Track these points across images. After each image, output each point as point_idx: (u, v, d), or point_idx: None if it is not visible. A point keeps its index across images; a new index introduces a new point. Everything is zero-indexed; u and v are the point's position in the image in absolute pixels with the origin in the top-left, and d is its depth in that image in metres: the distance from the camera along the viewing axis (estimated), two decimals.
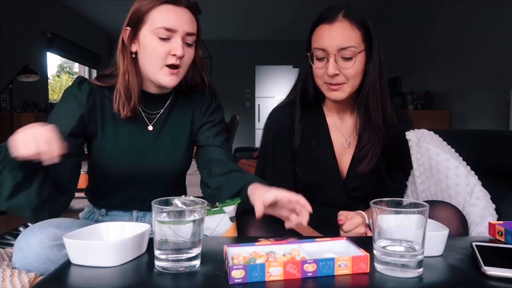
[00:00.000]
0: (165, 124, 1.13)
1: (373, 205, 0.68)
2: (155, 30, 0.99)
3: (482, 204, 1.11)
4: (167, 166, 1.12)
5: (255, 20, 6.71)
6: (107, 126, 1.08)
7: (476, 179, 1.15)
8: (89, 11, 6.12)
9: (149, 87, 1.10)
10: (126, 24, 1.03)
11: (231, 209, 0.98)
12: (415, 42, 4.84)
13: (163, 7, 0.99)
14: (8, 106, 4.08)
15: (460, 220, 1.01)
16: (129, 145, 1.09)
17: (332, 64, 1.05)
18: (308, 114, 1.20)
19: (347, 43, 1.04)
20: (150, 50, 1.00)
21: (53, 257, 0.86)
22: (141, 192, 1.13)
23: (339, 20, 1.06)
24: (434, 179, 1.18)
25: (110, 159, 1.08)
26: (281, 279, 0.64)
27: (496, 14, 3.40)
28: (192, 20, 1.03)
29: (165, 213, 0.69)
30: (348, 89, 1.09)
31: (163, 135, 1.12)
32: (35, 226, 0.90)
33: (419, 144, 1.20)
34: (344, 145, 1.20)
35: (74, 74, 10.56)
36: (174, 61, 1.00)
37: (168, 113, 1.14)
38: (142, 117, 1.11)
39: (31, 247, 0.85)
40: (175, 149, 1.13)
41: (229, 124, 6.19)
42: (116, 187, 1.12)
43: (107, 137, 1.08)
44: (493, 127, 3.42)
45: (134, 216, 1.16)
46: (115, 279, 0.66)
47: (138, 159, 1.09)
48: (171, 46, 0.99)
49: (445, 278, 0.68)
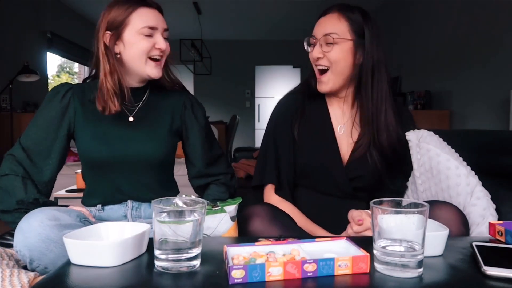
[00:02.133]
0: (145, 115, 1.22)
1: (373, 205, 0.68)
2: (140, 30, 1.12)
3: (482, 204, 1.11)
4: (147, 152, 1.18)
5: (255, 20, 6.71)
6: (88, 118, 1.17)
7: (476, 179, 1.14)
8: (89, 11, 6.12)
9: (130, 82, 1.20)
10: (105, 29, 1.14)
11: (231, 208, 0.98)
12: (415, 42, 4.84)
13: (141, 10, 1.13)
14: (8, 106, 4.07)
15: (462, 221, 1.01)
16: (109, 133, 1.17)
17: (317, 48, 1.17)
18: (311, 102, 1.27)
19: (331, 29, 1.15)
20: (137, 46, 1.13)
21: (53, 236, 0.88)
22: (128, 181, 1.18)
23: (330, 12, 1.18)
24: (434, 179, 1.18)
25: (91, 146, 1.16)
26: (281, 279, 0.64)
27: (496, 14, 3.40)
28: (163, 18, 1.19)
29: (165, 213, 0.69)
30: (332, 78, 1.17)
31: (142, 124, 1.21)
32: (35, 210, 0.93)
33: (419, 144, 1.20)
34: (345, 133, 1.24)
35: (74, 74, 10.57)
36: (158, 53, 1.15)
37: (147, 104, 1.23)
38: (122, 109, 1.17)
39: (31, 227, 0.88)
40: (155, 137, 1.20)
41: (229, 124, 6.19)
42: (103, 176, 1.18)
43: (88, 128, 1.17)
44: (493, 127, 3.42)
45: (129, 206, 1.19)
46: (115, 279, 0.66)
47: (118, 145, 1.16)
48: (154, 41, 1.14)
49: (445, 278, 0.68)
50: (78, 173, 2.45)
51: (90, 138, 1.16)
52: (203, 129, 1.28)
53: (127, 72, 1.18)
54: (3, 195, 1.07)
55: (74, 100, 1.18)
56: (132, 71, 1.17)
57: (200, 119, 1.29)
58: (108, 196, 1.19)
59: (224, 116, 7.41)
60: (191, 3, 5.57)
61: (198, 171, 1.29)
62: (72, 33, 5.81)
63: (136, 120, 1.20)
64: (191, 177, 1.32)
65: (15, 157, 1.11)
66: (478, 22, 3.63)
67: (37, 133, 1.14)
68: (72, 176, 2.68)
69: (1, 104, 4.23)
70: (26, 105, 4.64)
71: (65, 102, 1.17)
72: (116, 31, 1.13)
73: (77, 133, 1.17)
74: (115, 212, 1.19)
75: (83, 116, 1.17)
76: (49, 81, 5.51)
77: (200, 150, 1.27)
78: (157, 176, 1.21)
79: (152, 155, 1.18)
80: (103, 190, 1.19)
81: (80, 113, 1.17)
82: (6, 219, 1.06)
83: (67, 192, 2.42)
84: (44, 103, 1.18)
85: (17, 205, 1.05)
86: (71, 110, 1.17)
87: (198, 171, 1.29)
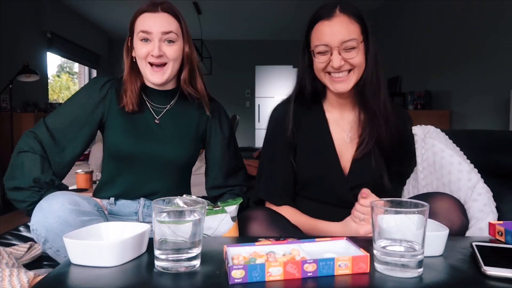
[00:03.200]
0: (172, 118, 1.24)
1: (373, 205, 0.68)
2: (137, 35, 1.15)
3: (483, 200, 1.12)
4: (172, 153, 1.20)
5: (255, 20, 6.70)
6: (120, 111, 1.20)
7: (478, 176, 1.16)
8: (89, 11, 6.12)
9: (151, 85, 1.23)
10: (129, 34, 1.20)
11: (232, 208, 0.98)
12: (415, 42, 4.84)
13: (142, 16, 1.15)
14: (8, 106, 4.07)
15: (461, 210, 1.02)
16: (138, 130, 1.20)
17: (336, 57, 1.07)
18: (307, 111, 1.21)
19: (349, 35, 1.06)
20: (136, 51, 1.17)
21: (71, 220, 0.90)
22: (147, 178, 1.20)
23: (337, 15, 1.08)
24: (436, 174, 1.18)
25: (120, 138, 1.18)
26: (281, 279, 0.64)
27: (496, 14, 3.40)
28: (168, 20, 1.16)
29: (165, 213, 0.69)
30: (354, 78, 1.10)
31: (168, 127, 1.23)
32: (57, 193, 0.96)
33: (425, 139, 1.20)
34: (345, 139, 1.20)
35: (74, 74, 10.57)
36: (154, 60, 1.14)
37: (174, 108, 1.25)
38: (149, 110, 1.23)
39: (52, 208, 0.91)
40: (180, 140, 1.22)
41: None
42: (124, 169, 1.19)
43: (118, 122, 1.20)
44: (493, 127, 3.42)
45: (141, 203, 1.20)
46: (115, 279, 0.66)
47: (145, 142, 1.19)
48: (150, 47, 1.14)
49: (445, 278, 0.68)
50: (78, 173, 2.45)
51: (120, 131, 1.18)
52: (226, 139, 1.29)
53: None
54: (19, 172, 1.06)
55: (112, 92, 1.21)
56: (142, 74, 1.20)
57: (225, 130, 1.30)
58: (123, 190, 1.20)
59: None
60: (191, 3, 5.57)
61: (214, 181, 1.29)
62: (72, 33, 5.81)
63: (161, 122, 1.22)
64: (208, 187, 1.32)
65: (37, 135, 1.12)
66: (478, 22, 3.63)
67: (69, 114, 1.17)
68: (72, 176, 2.68)
69: (1, 104, 4.23)
70: (26, 105, 4.64)
71: (104, 92, 1.20)
72: (131, 35, 1.19)
73: (108, 123, 1.20)
74: (126, 208, 1.20)
75: (117, 109, 1.20)
76: (49, 81, 5.50)
77: (219, 159, 1.28)
78: (175, 179, 1.23)
79: (176, 156, 1.20)
80: (121, 183, 1.20)
81: (114, 106, 1.20)
82: (16, 197, 1.05)
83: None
84: (82, 89, 1.22)
85: (33, 183, 1.05)
86: (107, 100, 1.20)
87: (214, 181, 1.29)
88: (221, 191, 1.30)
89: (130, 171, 1.19)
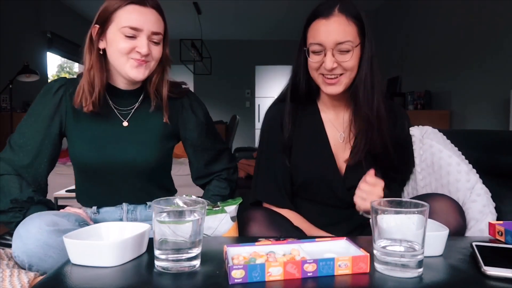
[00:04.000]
0: (139, 120, 1.16)
1: (373, 205, 0.68)
2: (121, 29, 1.03)
3: (482, 201, 1.11)
4: (138, 159, 1.13)
5: (255, 20, 6.70)
6: (80, 118, 1.11)
7: (477, 177, 1.15)
8: (89, 11, 6.11)
9: (118, 83, 1.13)
10: (95, 22, 1.07)
11: (232, 208, 0.98)
12: (415, 42, 4.84)
13: (129, 7, 1.03)
14: (8, 106, 4.08)
15: (459, 211, 1.01)
16: (101, 137, 1.11)
17: (330, 58, 1.04)
18: (302, 110, 1.19)
19: (344, 37, 1.04)
20: (116, 46, 1.04)
21: (52, 242, 0.87)
22: (121, 186, 1.14)
23: (335, 14, 1.05)
24: (435, 175, 1.18)
25: (82, 149, 1.10)
26: (281, 279, 0.64)
27: (496, 14, 3.40)
28: (158, 20, 1.07)
29: (165, 213, 0.69)
30: (345, 81, 1.08)
31: (136, 130, 1.14)
32: (33, 215, 0.92)
33: (423, 140, 1.20)
34: (339, 139, 1.18)
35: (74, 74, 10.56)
36: (139, 57, 1.04)
37: (141, 108, 1.16)
38: (114, 113, 1.13)
39: (29, 233, 0.87)
40: (147, 144, 1.15)
41: (229, 124, 6.19)
42: (94, 181, 1.14)
43: (80, 130, 1.11)
44: (493, 127, 3.42)
45: (124, 209, 1.16)
46: (115, 279, 0.66)
47: (109, 151, 1.11)
48: (137, 44, 1.04)
49: (445, 278, 0.68)
50: None
51: (81, 141, 1.11)
52: (203, 127, 1.23)
53: (114, 72, 1.11)
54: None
55: (66, 98, 1.11)
56: (116, 70, 1.09)
57: (200, 117, 1.23)
58: (101, 199, 1.16)
59: (224, 116, 7.41)
60: (191, 3, 5.56)
61: (198, 171, 1.26)
62: (72, 33, 5.81)
63: (130, 125, 1.14)
64: (194, 178, 1.30)
65: (4, 156, 1.09)
66: (478, 22, 3.63)
67: (28, 130, 1.10)
68: (72, 176, 2.68)
69: (1, 104, 4.23)
70: (26, 105, 4.64)
71: (57, 99, 1.11)
72: (102, 25, 1.06)
73: (68, 134, 1.12)
74: (110, 215, 1.16)
75: (75, 116, 1.11)
76: (49, 81, 5.51)
77: (200, 149, 1.24)
78: (151, 179, 1.17)
79: (143, 162, 1.13)
80: (96, 193, 1.16)
81: (71, 113, 1.11)
82: (2, 219, 1.04)
83: (67, 192, 2.42)
84: (36, 99, 1.14)
85: (11, 204, 1.03)
86: (62, 108, 1.11)
87: (198, 171, 1.26)
88: (208, 179, 1.28)
89: (101, 181, 1.13)
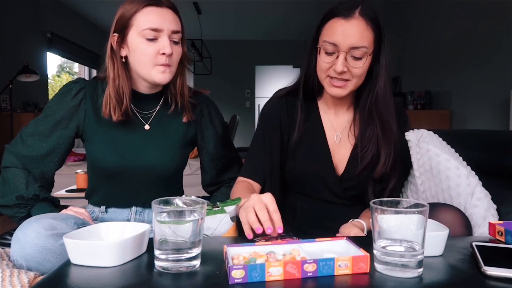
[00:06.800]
0: (160, 123, 1.17)
1: (373, 205, 0.68)
2: (141, 32, 1.02)
3: (483, 205, 1.11)
4: (158, 165, 1.14)
5: (255, 20, 6.70)
6: (100, 122, 1.11)
7: (476, 180, 1.14)
8: (89, 11, 6.12)
9: (140, 87, 1.14)
10: (113, 31, 1.07)
11: (232, 208, 0.98)
12: (415, 42, 4.84)
13: (146, 10, 1.03)
14: (8, 106, 4.08)
15: (465, 224, 1.00)
16: (121, 141, 1.12)
17: (342, 62, 1.01)
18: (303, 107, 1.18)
19: (360, 42, 1.01)
20: (140, 52, 1.04)
21: (50, 246, 0.87)
22: (136, 189, 1.15)
23: (355, 17, 1.01)
24: (434, 180, 1.17)
25: (101, 153, 1.11)
26: (281, 279, 0.64)
27: (496, 14, 3.40)
28: (175, 19, 1.07)
29: (165, 213, 0.69)
30: (350, 87, 1.07)
31: (157, 134, 1.15)
32: (31, 219, 0.92)
33: (419, 144, 1.19)
34: (335, 140, 1.18)
35: (74, 74, 10.56)
36: (164, 60, 1.04)
37: (162, 112, 1.17)
38: (137, 117, 1.14)
39: (27, 237, 0.87)
40: (168, 149, 1.16)
41: (229, 124, 6.19)
42: (111, 183, 1.15)
43: (102, 134, 1.11)
44: (493, 127, 3.42)
45: (133, 211, 1.18)
46: (115, 279, 0.65)
47: (129, 156, 1.12)
48: (159, 46, 1.03)
49: (445, 278, 0.68)
50: (78, 173, 2.45)
51: (101, 145, 1.11)
52: (219, 137, 1.25)
53: (136, 77, 1.11)
54: (5, 188, 1.06)
55: (86, 102, 1.11)
56: (140, 76, 1.10)
57: (217, 127, 1.25)
58: (112, 200, 1.17)
59: (224, 116, 7.35)
60: (191, 3, 5.57)
61: (211, 178, 1.28)
62: (72, 33, 5.81)
63: (152, 128, 1.15)
64: (204, 185, 1.31)
65: (15, 149, 1.10)
66: (478, 22, 3.63)
67: (42, 128, 1.10)
68: (72, 176, 2.68)
69: (1, 104, 4.23)
70: (26, 105, 4.64)
71: (76, 102, 1.10)
72: (121, 33, 1.06)
73: (87, 137, 1.12)
74: (118, 215, 1.17)
75: (95, 119, 1.11)
76: (49, 81, 5.50)
77: (215, 158, 1.26)
78: (166, 184, 1.19)
79: (163, 168, 1.15)
80: (108, 194, 1.17)
81: (91, 117, 1.11)
82: (6, 213, 1.06)
83: (67, 192, 2.43)
84: (54, 98, 1.12)
85: (17, 201, 1.05)
86: (81, 112, 1.11)
87: (211, 178, 1.28)
88: (217, 187, 1.30)
89: (116, 184, 1.14)
